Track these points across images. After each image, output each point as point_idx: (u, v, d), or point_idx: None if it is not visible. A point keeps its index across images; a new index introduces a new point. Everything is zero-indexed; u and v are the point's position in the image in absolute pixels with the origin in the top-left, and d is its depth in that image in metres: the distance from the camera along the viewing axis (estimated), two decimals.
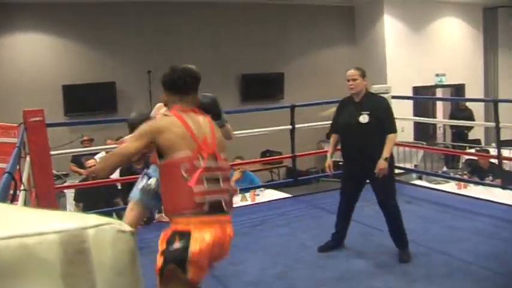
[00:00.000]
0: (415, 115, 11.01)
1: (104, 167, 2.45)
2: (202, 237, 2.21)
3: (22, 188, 3.19)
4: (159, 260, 2.24)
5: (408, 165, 8.67)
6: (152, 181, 2.45)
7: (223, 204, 2.37)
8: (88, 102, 9.22)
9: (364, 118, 4.06)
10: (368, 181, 4.28)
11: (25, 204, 3.17)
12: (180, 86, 2.58)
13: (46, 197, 4.77)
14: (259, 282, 3.85)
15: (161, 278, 2.25)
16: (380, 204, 4.17)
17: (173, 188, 2.34)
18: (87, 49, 9.57)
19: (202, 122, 2.54)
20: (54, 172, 7.76)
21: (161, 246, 2.26)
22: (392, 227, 4.15)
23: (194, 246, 2.17)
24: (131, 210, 3.50)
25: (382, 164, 3.98)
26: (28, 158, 4.62)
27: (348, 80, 4.16)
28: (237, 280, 3.91)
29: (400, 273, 3.85)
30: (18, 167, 3.14)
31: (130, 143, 2.44)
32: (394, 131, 4.13)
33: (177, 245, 2.18)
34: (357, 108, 4.15)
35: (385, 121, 4.11)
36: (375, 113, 4.08)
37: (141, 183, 3.50)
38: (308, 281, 3.83)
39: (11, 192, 2.09)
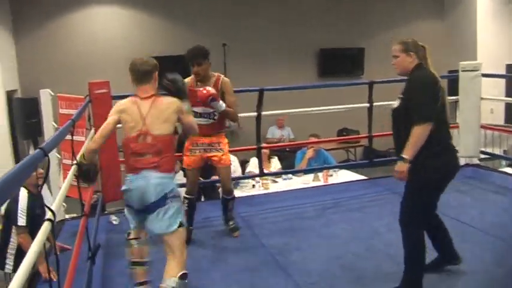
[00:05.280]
0: (507, 95, 10.20)
1: None
2: None
3: (75, 161, 3.07)
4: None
5: (497, 151, 7.98)
6: None
7: None
8: (160, 75, 9.19)
9: (395, 103, 3.08)
10: None
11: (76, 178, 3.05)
12: None
13: (110, 169, 4.71)
14: (324, 272, 3.54)
15: None
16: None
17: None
18: (161, 22, 9.55)
19: None
20: None
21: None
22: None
23: None
24: None
25: (398, 166, 2.93)
26: (92, 131, 4.55)
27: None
28: (301, 268, 3.63)
29: (483, 278, 3.41)
30: (72, 140, 3.03)
31: None
32: (420, 121, 2.85)
33: None
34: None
35: (410, 105, 2.94)
36: (405, 96, 3.01)
37: None
38: (377, 274, 3.48)
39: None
